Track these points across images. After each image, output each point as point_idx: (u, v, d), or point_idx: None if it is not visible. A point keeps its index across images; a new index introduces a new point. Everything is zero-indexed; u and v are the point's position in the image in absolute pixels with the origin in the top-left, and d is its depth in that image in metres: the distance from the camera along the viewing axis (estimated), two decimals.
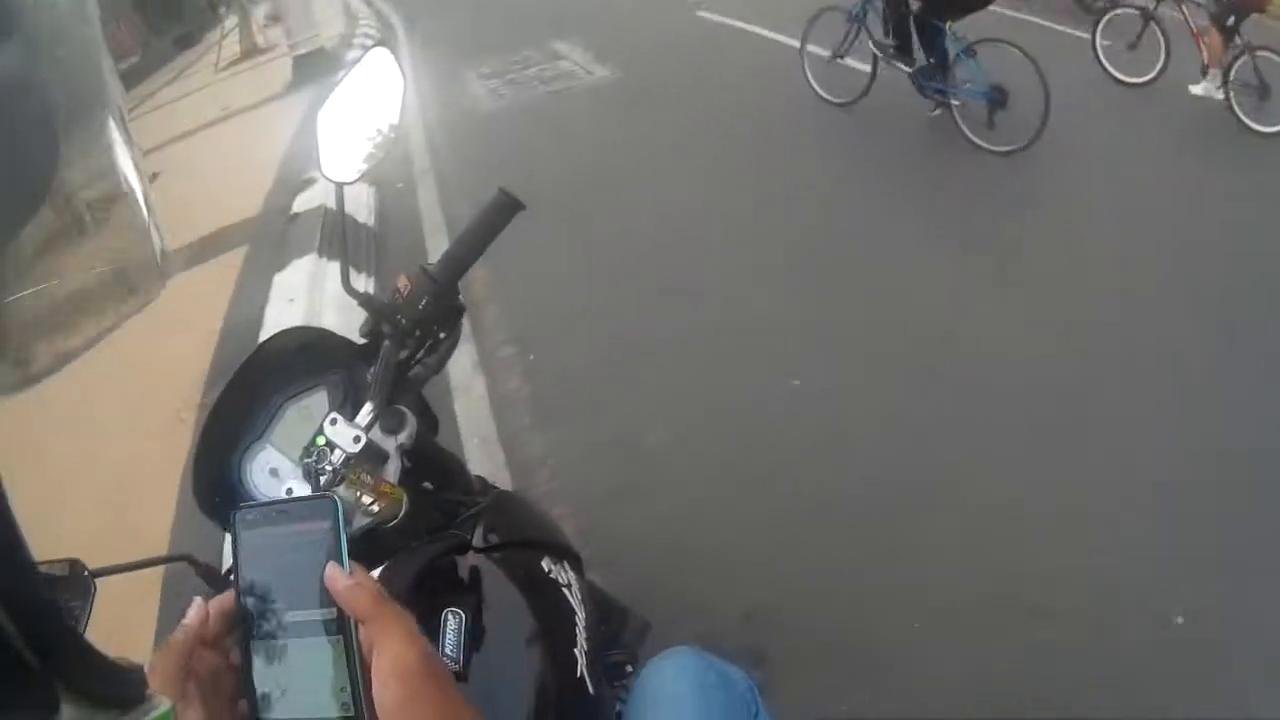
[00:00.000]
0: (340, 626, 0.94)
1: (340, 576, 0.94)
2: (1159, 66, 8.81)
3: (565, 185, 8.20)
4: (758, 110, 9.97)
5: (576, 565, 2.09)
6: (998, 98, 7.59)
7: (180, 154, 13.42)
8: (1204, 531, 3.67)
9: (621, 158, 8.96)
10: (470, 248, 1.82)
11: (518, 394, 5.37)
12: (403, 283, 1.77)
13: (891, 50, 8.68)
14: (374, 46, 2.03)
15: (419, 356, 1.78)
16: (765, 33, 13.27)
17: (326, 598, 0.95)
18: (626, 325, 5.85)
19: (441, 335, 1.79)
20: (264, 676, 0.95)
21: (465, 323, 1.89)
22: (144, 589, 4.07)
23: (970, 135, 7.91)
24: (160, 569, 1.89)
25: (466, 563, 1.72)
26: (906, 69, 8.58)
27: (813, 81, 9.62)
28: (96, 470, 5.36)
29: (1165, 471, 4.04)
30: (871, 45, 8.88)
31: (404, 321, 1.72)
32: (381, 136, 1.87)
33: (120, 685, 0.88)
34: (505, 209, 1.81)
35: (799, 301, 5.87)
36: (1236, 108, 7.84)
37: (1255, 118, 7.75)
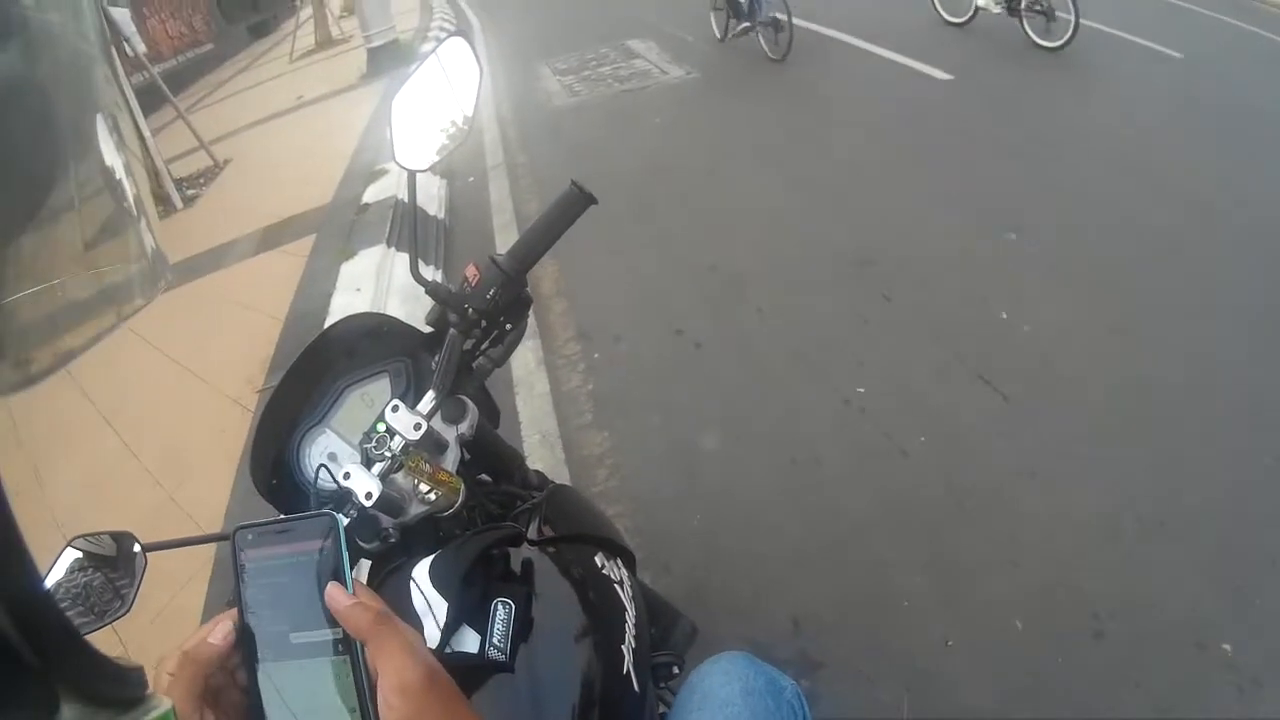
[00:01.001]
0: (346, 646, 0.94)
1: (341, 596, 0.94)
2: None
3: (637, 183, 8.18)
4: (838, 115, 9.87)
5: (630, 563, 2.04)
6: None
7: (253, 141, 13.55)
8: None
9: (695, 158, 8.90)
10: (540, 239, 1.78)
11: (580, 391, 5.33)
12: (471, 272, 1.73)
13: None
14: (451, 36, 1.99)
15: (484, 347, 1.77)
16: (837, 34, 13.29)
17: (331, 617, 0.95)
18: (694, 324, 5.80)
19: (508, 327, 1.77)
20: (271, 698, 0.94)
21: (531, 318, 1.84)
22: (195, 566, 4.09)
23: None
24: (212, 547, 1.88)
25: (520, 554, 1.67)
26: None
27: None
28: (155, 447, 5.41)
29: None
30: None
31: (471, 311, 1.70)
32: (455, 127, 1.87)
33: (120, 685, 0.86)
34: (577, 202, 1.77)
35: (872, 309, 5.78)
36: (1027, 28, 11.28)
37: (1043, 37, 11.11)
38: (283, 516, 1.00)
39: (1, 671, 0.72)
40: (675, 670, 2.27)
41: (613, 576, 1.83)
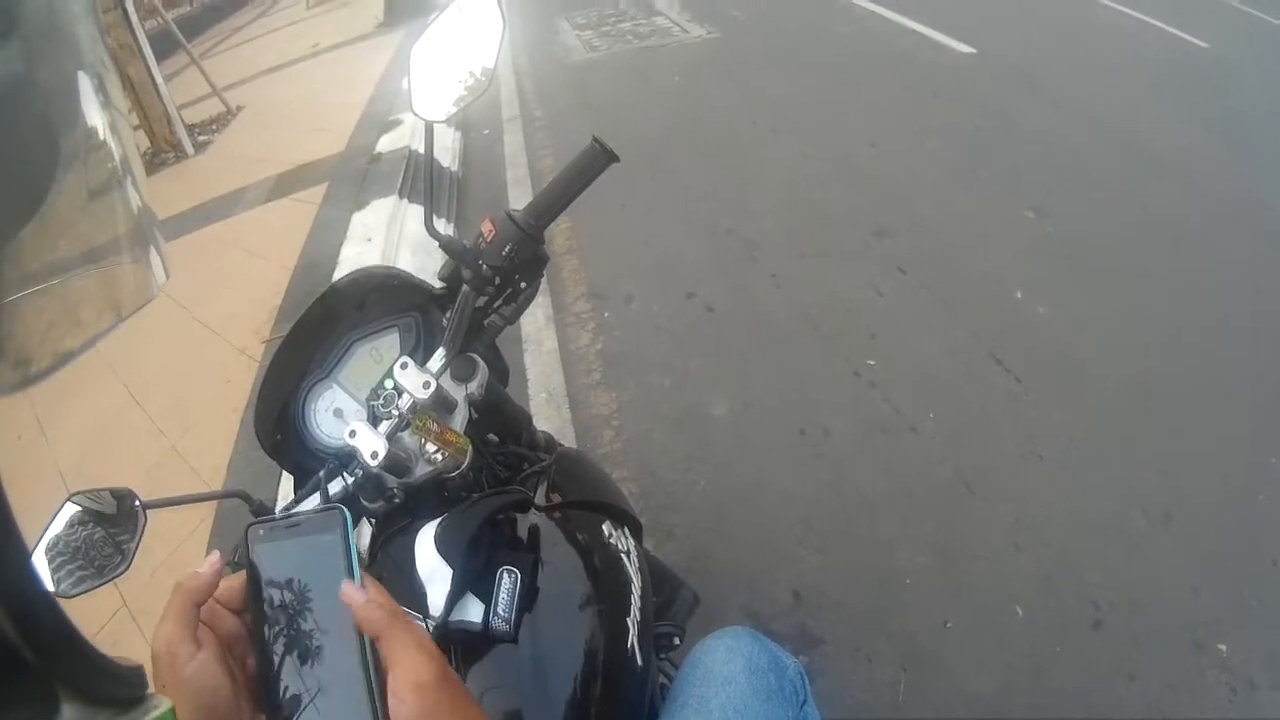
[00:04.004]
0: (358, 641, 0.95)
1: (355, 593, 0.95)
2: None
3: (654, 142, 8.14)
4: (861, 85, 9.83)
5: (636, 531, 2.01)
6: None
7: (267, 89, 13.53)
8: None
9: (714, 118, 8.86)
10: (560, 196, 1.73)
11: (589, 350, 5.32)
12: (487, 227, 1.69)
13: None
14: None
15: (497, 305, 1.72)
16: (864, 2, 13.16)
17: (340, 610, 0.95)
18: (707, 287, 5.79)
19: (523, 285, 1.73)
20: (283, 691, 0.94)
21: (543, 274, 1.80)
22: (195, 521, 4.08)
23: None
24: (214, 503, 1.86)
25: (526, 520, 1.66)
26: None
27: None
28: (159, 396, 5.41)
29: None
30: None
31: (485, 268, 1.66)
32: (475, 79, 1.81)
33: (120, 685, 0.88)
34: (598, 159, 1.70)
35: (887, 282, 5.76)
36: None
37: None
38: (292, 512, 1.01)
39: (1, 671, 0.73)
40: (676, 641, 2.27)
41: (620, 546, 1.81)
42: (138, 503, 1.45)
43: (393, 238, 6.41)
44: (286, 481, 1.79)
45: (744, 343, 5.24)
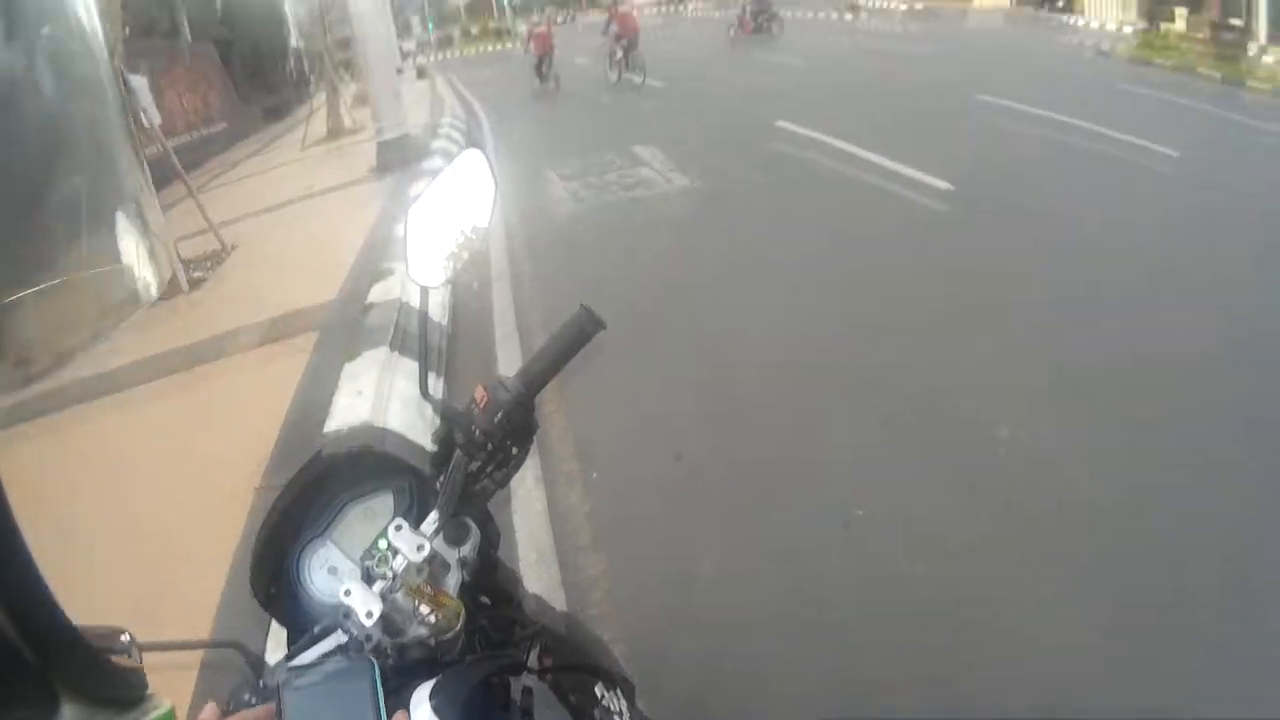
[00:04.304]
0: None
1: None
2: None
3: (639, 294, 8.29)
4: (836, 223, 10.16)
5: (629, 693, 2.07)
6: None
7: (261, 229, 13.73)
8: None
9: (698, 268, 9.07)
10: (549, 364, 1.78)
11: (578, 510, 5.33)
12: (480, 394, 1.73)
13: None
14: (467, 148, 2.02)
15: (488, 470, 1.74)
16: (840, 143, 13.77)
17: None
18: (694, 445, 5.83)
19: (514, 450, 1.75)
20: None
21: None
22: (183, 660, 4.10)
23: None
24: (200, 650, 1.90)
25: (520, 682, 1.70)
26: None
27: None
28: (148, 537, 5.36)
29: None
30: None
31: (478, 433, 1.69)
32: (469, 240, 1.90)
33: (120, 685, 0.94)
34: (586, 327, 1.77)
35: (872, 433, 5.81)
36: None
37: None
38: (326, 661, 1.15)
39: (2, 671, 0.79)
40: None
41: (612, 708, 1.88)
42: (127, 637, 1.52)
43: (384, 391, 6.41)
44: (276, 631, 1.84)
45: (733, 499, 5.26)
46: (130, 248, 1.22)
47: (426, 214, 1.90)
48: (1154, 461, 5.13)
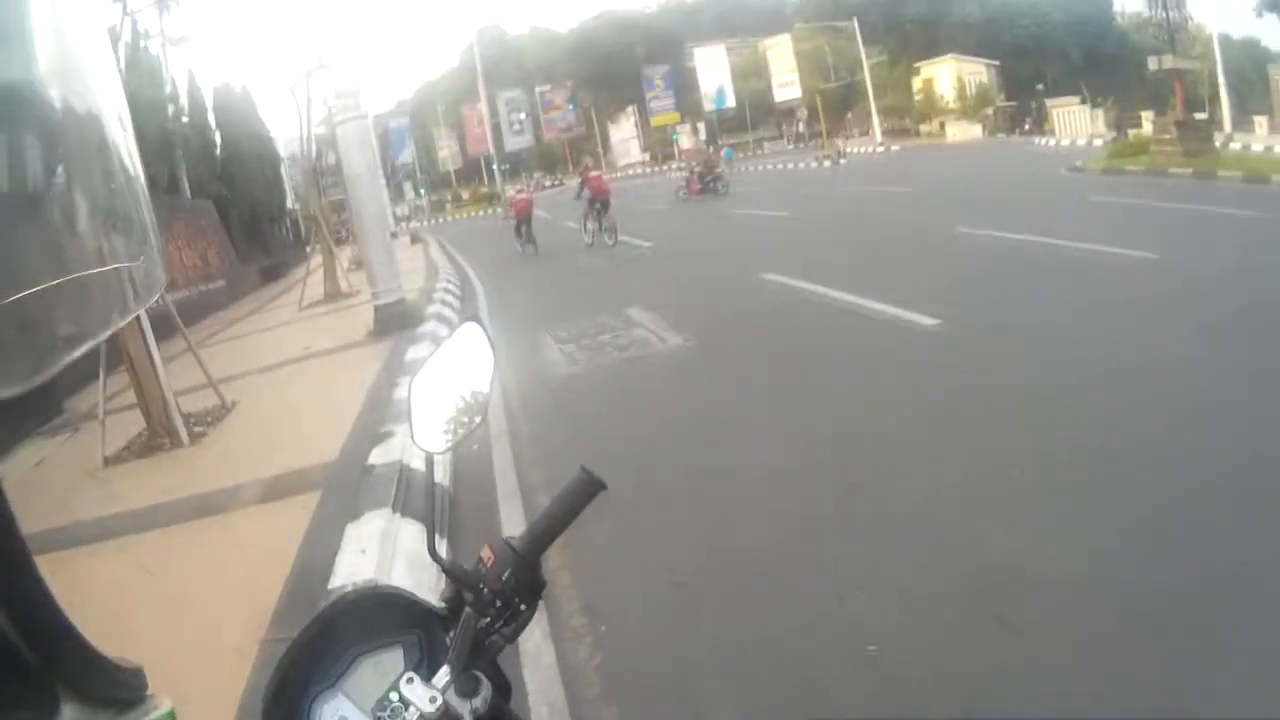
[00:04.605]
0: None
1: None
2: None
3: (638, 451, 8.38)
4: (827, 369, 10.43)
5: None
6: None
7: (261, 387, 14.00)
8: None
9: (695, 424, 9.18)
10: (552, 524, 1.84)
11: (588, 664, 5.30)
12: (487, 554, 1.79)
13: None
14: (466, 320, 2.12)
15: (497, 626, 1.78)
16: (826, 290, 14.19)
17: None
18: (702, 593, 5.86)
19: (522, 607, 1.80)
20: None
21: None
22: None
23: None
24: None
25: None
26: None
27: None
28: (152, 685, 5.39)
29: None
30: None
31: (486, 591, 1.74)
32: (471, 409, 1.98)
33: (120, 686, 0.98)
34: (587, 488, 1.84)
35: (883, 568, 5.81)
36: None
37: None
38: None
39: (2, 671, 0.82)
40: None
41: None
42: None
43: (387, 552, 6.50)
44: None
45: (744, 646, 5.21)
46: (129, 243, 1.24)
47: (429, 383, 1.99)
48: (1146, 576, 5.17)
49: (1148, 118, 51.06)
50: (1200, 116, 35.68)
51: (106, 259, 1.18)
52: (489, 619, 1.74)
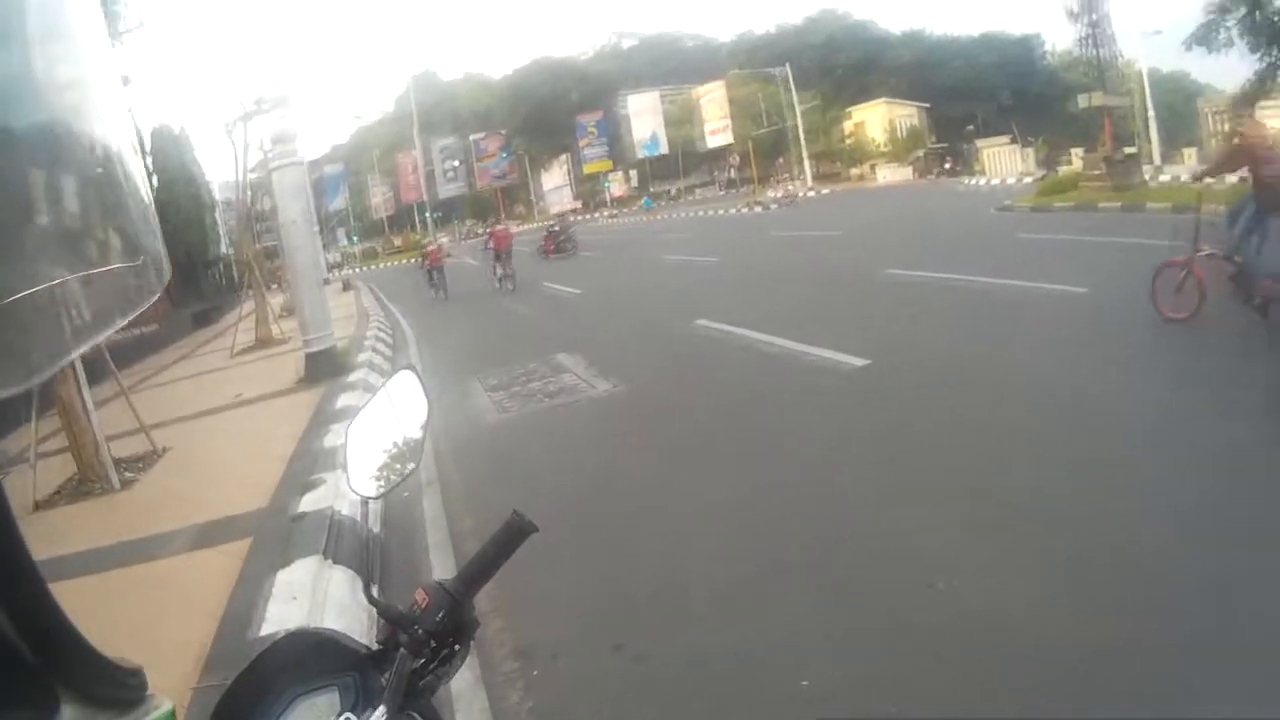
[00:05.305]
0: None
1: None
2: None
3: (568, 497, 8.41)
4: (761, 411, 10.61)
5: None
6: None
7: (192, 433, 13.99)
8: None
9: (626, 470, 9.25)
10: (485, 566, 1.89)
11: (520, 708, 5.29)
12: (420, 596, 1.82)
13: None
14: (401, 369, 2.20)
15: (431, 667, 1.81)
16: (758, 335, 14.40)
17: None
18: (634, 637, 5.82)
19: (455, 647, 1.84)
20: None
21: None
22: None
23: None
24: None
25: None
26: None
27: None
28: None
29: None
30: None
31: (420, 632, 1.77)
32: (406, 455, 2.03)
33: (120, 686, 0.99)
34: (519, 531, 1.87)
35: (819, 607, 5.86)
36: None
37: None
38: None
39: (2, 672, 0.82)
40: None
41: None
42: None
43: (319, 599, 6.50)
44: None
45: (677, 690, 5.26)
46: (130, 243, 1.27)
47: (364, 429, 2.05)
48: (1083, 601, 5.29)
49: (1077, 154, 51.89)
50: (1130, 151, 36.40)
51: (107, 259, 1.20)
52: (423, 660, 1.78)
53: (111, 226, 1.27)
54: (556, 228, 48.24)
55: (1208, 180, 12.48)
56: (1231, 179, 13.34)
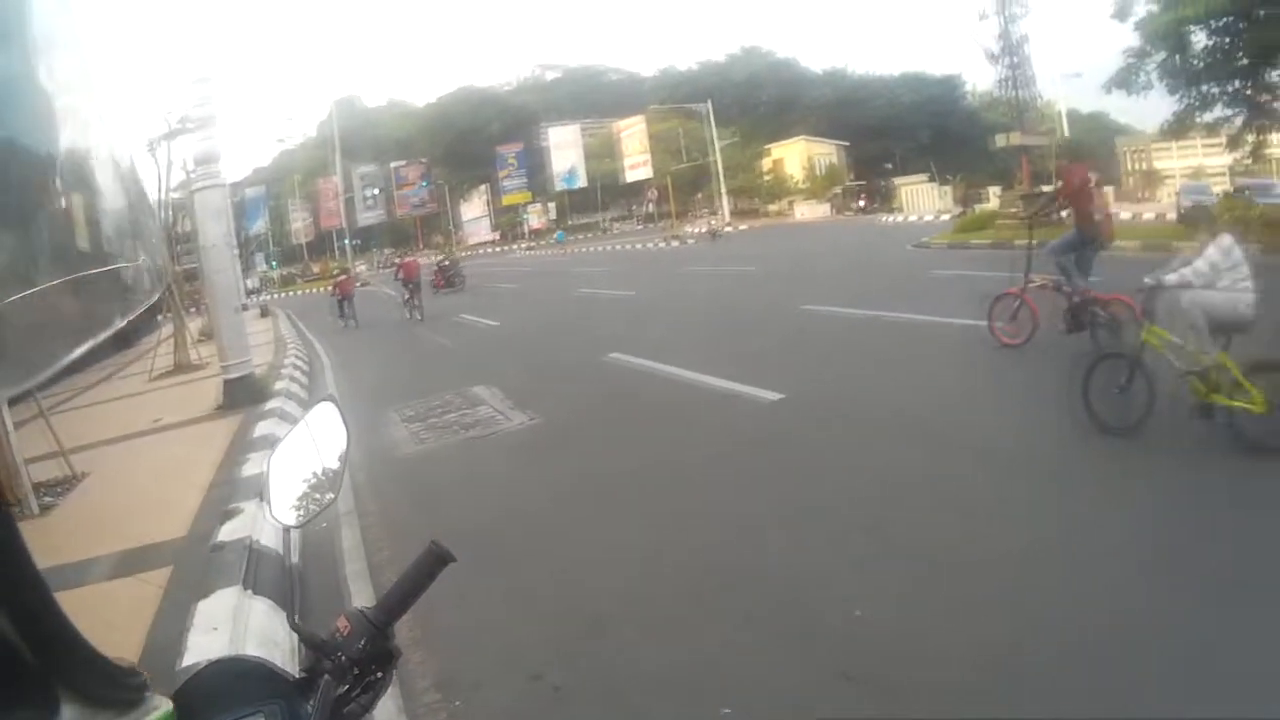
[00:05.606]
0: None
1: None
2: None
3: (485, 530, 8.61)
4: (675, 445, 10.78)
5: None
6: None
7: (112, 459, 13.87)
8: None
9: (541, 501, 9.38)
10: (404, 595, 1.90)
11: None
12: (343, 624, 1.84)
13: None
14: (323, 399, 2.21)
15: (355, 694, 1.81)
16: (672, 369, 14.75)
17: None
18: (552, 667, 5.94)
19: (378, 674, 1.85)
20: None
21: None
22: None
23: None
24: None
25: None
26: None
27: None
28: None
29: None
30: None
31: (343, 659, 1.78)
32: (326, 485, 2.05)
33: (120, 686, 1.03)
34: (437, 561, 1.89)
35: (737, 634, 6.02)
36: None
37: None
38: None
39: (2, 672, 0.83)
40: None
41: None
42: None
43: (239, 630, 6.52)
44: None
45: (596, 716, 5.41)
46: (130, 245, 1.31)
47: (285, 458, 2.07)
48: (995, 630, 5.52)
49: (994, 192, 52.69)
50: (1046, 189, 37.13)
51: (108, 260, 1.24)
52: (346, 687, 1.78)
53: (110, 227, 1.30)
54: (446, 262, 49.25)
55: (1062, 214, 14.52)
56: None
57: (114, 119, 1.33)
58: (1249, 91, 30.53)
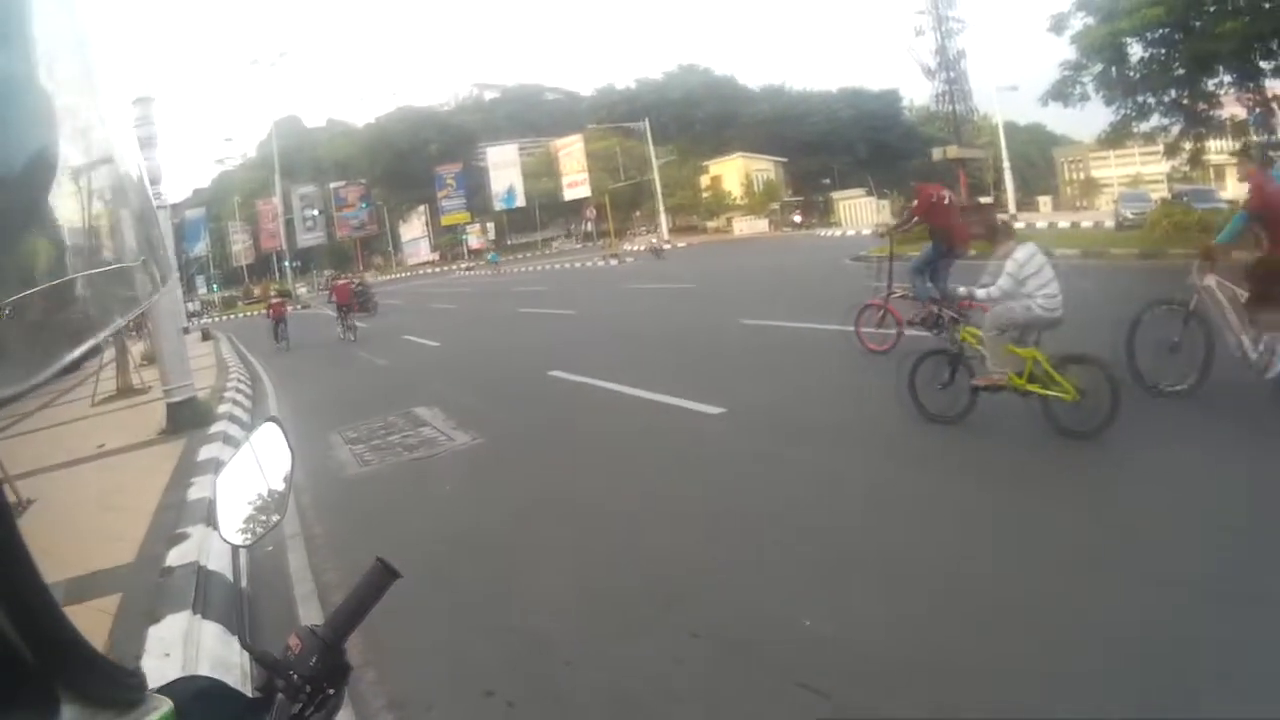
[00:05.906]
0: None
1: None
2: None
3: (431, 549, 8.71)
4: (618, 460, 11.06)
5: None
6: None
7: (57, 484, 13.84)
8: None
9: (487, 520, 9.48)
10: (353, 612, 1.91)
11: None
12: (294, 641, 1.85)
13: None
14: (267, 421, 2.25)
15: (309, 713, 1.81)
16: (612, 385, 15.05)
17: None
18: (504, 684, 5.96)
19: (330, 691, 1.85)
20: None
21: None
22: None
23: None
24: None
25: None
26: None
27: None
28: None
29: None
30: None
31: (296, 677, 1.78)
32: (273, 505, 2.07)
33: (120, 687, 1.01)
34: (383, 578, 1.91)
35: (682, 649, 6.06)
36: None
37: None
38: None
39: (3, 673, 0.82)
40: None
41: None
42: None
43: (190, 654, 6.51)
44: None
45: None
46: (130, 244, 1.30)
47: (232, 480, 2.10)
48: (936, 633, 5.71)
49: None
50: (985, 200, 37.62)
51: (108, 259, 1.24)
52: (300, 705, 1.78)
53: (112, 225, 1.30)
54: (359, 287, 49.34)
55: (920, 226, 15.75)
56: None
57: (115, 120, 1.34)
58: (1186, 100, 31.18)
